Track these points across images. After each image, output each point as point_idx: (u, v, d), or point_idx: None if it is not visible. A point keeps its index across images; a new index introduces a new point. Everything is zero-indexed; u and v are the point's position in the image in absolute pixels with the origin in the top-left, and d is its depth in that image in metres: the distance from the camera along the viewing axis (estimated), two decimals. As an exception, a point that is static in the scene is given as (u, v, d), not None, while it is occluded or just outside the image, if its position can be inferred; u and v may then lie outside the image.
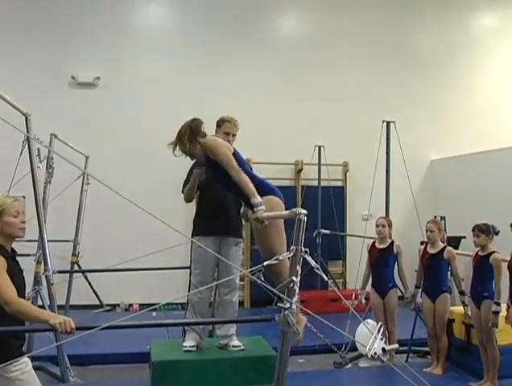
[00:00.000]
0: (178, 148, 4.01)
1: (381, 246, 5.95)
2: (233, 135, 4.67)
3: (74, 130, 8.07)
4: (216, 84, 9.21)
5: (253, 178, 3.92)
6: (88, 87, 8.94)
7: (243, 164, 4.00)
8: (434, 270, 5.58)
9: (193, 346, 4.54)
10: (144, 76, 9.11)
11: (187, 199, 4.84)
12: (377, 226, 5.98)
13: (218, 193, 4.53)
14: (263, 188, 3.91)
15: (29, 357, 3.03)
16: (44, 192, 6.05)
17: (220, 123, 4.72)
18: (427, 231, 5.67)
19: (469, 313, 5.35)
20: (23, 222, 3.12)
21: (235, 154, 3.94)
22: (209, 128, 4.63)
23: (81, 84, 8.91)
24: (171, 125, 9.36)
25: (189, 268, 4.86)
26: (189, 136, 3.95)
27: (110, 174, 6.17)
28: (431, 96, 10.07)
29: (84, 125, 8.66)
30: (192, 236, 4.71)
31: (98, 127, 8.78)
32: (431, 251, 5.63)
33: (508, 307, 4.82)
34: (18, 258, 3.14)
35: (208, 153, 3.91)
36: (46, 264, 5.22)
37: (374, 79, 9.81)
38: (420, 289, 5.82)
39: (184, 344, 4.55)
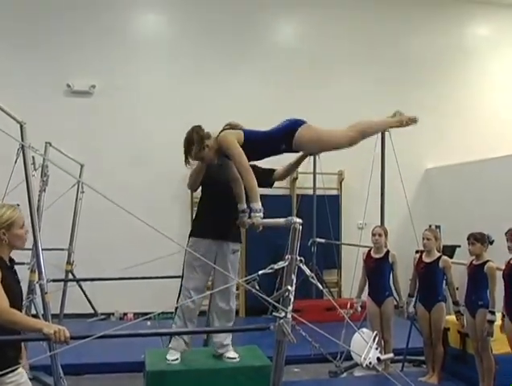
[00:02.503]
0: (190, 159, 4.04)
1: (377, 255, 5.95)
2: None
3: (69, 138, 8.06)
4: (212, 93, 9.22)
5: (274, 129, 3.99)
6: (84, 95, 8.94)
7: (256, 138, 3.97)
8: (429, 279, 5.58)
9: (176, 359, 4.49)
10: (139, 85, 9.13)
11: (191, 184, 4.73)
12: (374, 235, 5.98)
13: (220, 197, 4.51)
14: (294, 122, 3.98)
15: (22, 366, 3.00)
16: (39, 200, 6.03)
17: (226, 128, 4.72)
18: (423, 239, 5.68)
19: (464, 322, 5.36)
20: (27, 232, 3.12)
21: (246, 139, 3.90)
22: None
23: (76, 93, 8.91)
24: (166, 132, 9.47)
25: (182, 272, 4.82)
26: (197, 144, 3.96)
27: (105, 183, 6.16)
28: (426, 104, 10.09)
29: (79, 133, 8.66)
30: (188, 237, 4.69)
31: (93, 135, 8.78)
32: (427, 259, 5.64)
33: (503, 316, 4.82)
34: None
35: (223, 150, 3.92)
36: (40, 272, 5.18)
37: (369, 87, 9.85)
38: (413, 298, 5.83)
39: (167, 357, 4.50)
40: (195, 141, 3.98)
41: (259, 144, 3.92)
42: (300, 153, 4.42)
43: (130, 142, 8.89)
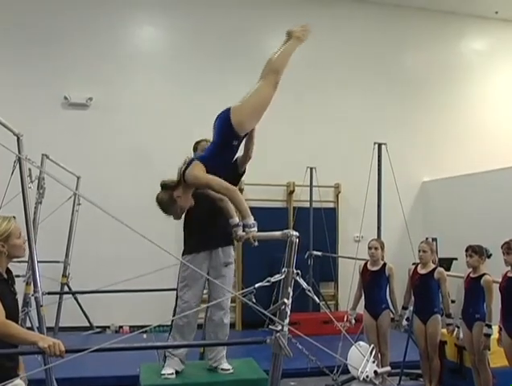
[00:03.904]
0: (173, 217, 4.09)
1: (374, 268, 5.94)
2: None
3: (66, 151, 8.06)
4: (207, 107, 9.17)
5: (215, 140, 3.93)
6: (81, 107, 8.95)
7: (210, 155, 3.90)
8: (424, 291, 5.58)
9: (172, 374, 4.47)
10: (136, 97, 9.14)
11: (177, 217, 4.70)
12: (370, 248, 5.98)
13: (204, 214, 4.52)
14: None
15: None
16: (35, 213, 6.02)
17: (196, 145, 4.76)
18: (419, 251, 5.68)
19: (461, 335, 5.34)
20: (25, 241, 3.13)
21: (204, 163, 3.81)
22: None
23: (74, 105, 8.92)
24: (162, 145, 9.47)
25: (176, 290, 4.81)
26: (170, 206, 3.99)
27: (102, 195, 6.16)
28: (422, 118, 10.18)
29: (76, 145, 8.65)
30: (182, 256, 4.68)
31: (90, 147, 8.78)
32: (422, 271, 5.64)
33: (500, 329, 4.81)
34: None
35: (199, 187, 3.87)
36: (35, 285, 5.16)
37: (367, 101, 9.90)
38: (407, 311, 5.82)
39: (163, 372, 4.48)
40: (165, 204, 4.00)
41: (216, 158, 3.83)
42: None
43: (126, 155, 8.88)
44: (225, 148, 3.86)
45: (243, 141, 4.07)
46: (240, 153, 4.29)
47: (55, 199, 6.69)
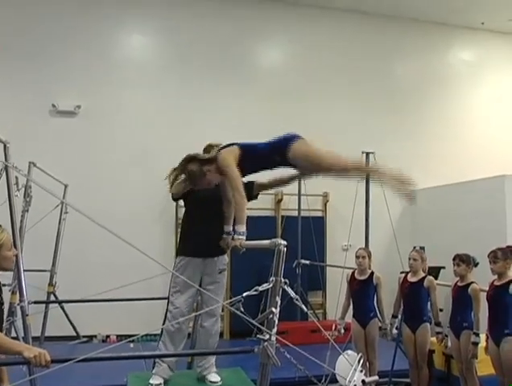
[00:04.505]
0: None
1: (362, 277, 5.95)
2: None
3: (53, 158, 8.04)
4: (196, 116, 9.26)
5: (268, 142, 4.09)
6: (69, 115, 8.91)
7: (251, 149, 4.06)
8: (414, 299, 5.59)
9: (160, 384, 4.42)
10: (125, 106, 9.13)
11: (177, 195, 4.66)
12: (358, 257, 5.99)
13: (206, 216, 4.50)
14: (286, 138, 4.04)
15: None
16: (21, 221, 5.97)
17: (210, 149, 4.71)
18: (409, 259, 5.70)
19: (449, 343, 5.36)
20: (16, 254, 3.06)
21: (242, 152, 3.97)
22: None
23: (62, 113, 8.88)
24: (150, 154, 9.45)
25: (168, 294, 4.77)
26: (198, 175, 4.07)
27: (89, 203, 6.13)
28: (410, 127, 10.25)
29: (64, 153, 8.61)
30: (175, 256, 4.66)
31: (78, 155, 8.73)
32: (412, 279, 5.66)
33: (487, 338, 4.83)
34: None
35: (222, 169, 3.98)
36: (21, 294, 5.12)
37: (355, 110, 9.95)
38: (397, 319, 5.83)
39: (150, 382, 4.44)
40: (195, 175, 4.07)
41: (255, 156, 4.00)
42: (292, 172, 4.43)
43: (114, 163, 8.85)
44: (268, 154, 4.02)
45: (281, 168, 4.17)
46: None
47: (42, 207, 6.64)
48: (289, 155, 3.95)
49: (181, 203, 4.85)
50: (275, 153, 3.98)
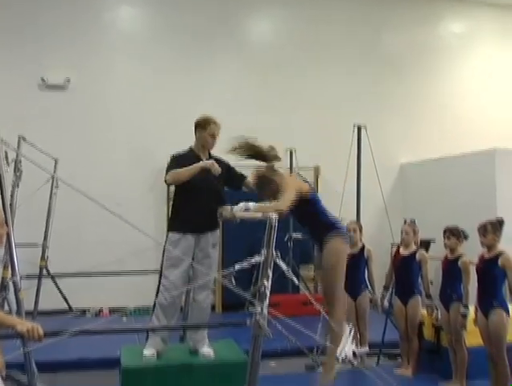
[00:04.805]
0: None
1: (353, 250, 5.98)
2: (217, 136, 4.69)
3: (43, 133, 7.97)
4: (187, 87, 9.18)
5: (328, 215, 4.20)
6: (58, 89, 8.80)
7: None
8: (406, 272, 5.64)
9: (153, 355, 4.46)
10: (115, 79, 9.03)
11: (175, 181, 4.64)
12: (349, 231, 6.01)
13: (202, 191, 4.50)
14: (337, 226, 4.14)
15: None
16: (12, 196, 5.95)
17: (205, 124, 4.65)
18: (401, 233, 5.73)
19: (439, 315, 5.43)
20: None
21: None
22: (181, 130, 4.65)
23: (51, 86, 8.77)
24: (142, 128, 9.39)
25: (160, 269, 4.79)
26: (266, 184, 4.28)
27: (80, 178, 6.10)
28: (402, 100, 10.22)
29: (54, 127, 8.54)
30: (168, 232, 4.65)
31: (68, 130, 8.66)
32: (404, 253, 5.70)
33: (476, 310, 4.89)
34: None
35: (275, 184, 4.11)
36: (13, 269, 5.12)
37: (346, 82, 9.90)
38: (388, 291, 5.89)
39: (144, 352, 4.47)
40: (263, 183, 4.32)
41: (311, 211, 4.10)
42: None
43: (105, 136, 8.79)
44: (313, 215, 4.17)
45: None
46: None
47: (33, 182, 6.61)
48: (325, 241, 4.12)
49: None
50: (320, 224, 4.08)
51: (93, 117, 8.86)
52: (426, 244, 7.69)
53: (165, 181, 4.66)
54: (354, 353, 3.32)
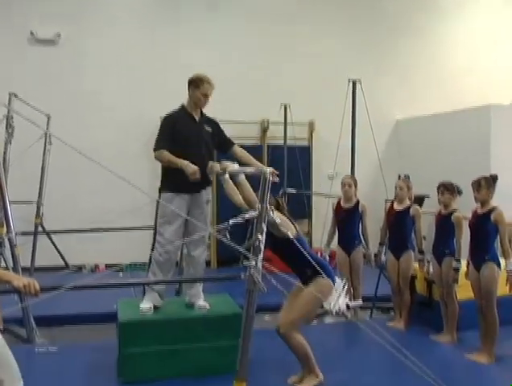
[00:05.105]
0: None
1: (347, 205, 6.02)
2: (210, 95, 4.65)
3: (34, 89, 7.85)
4: (180, 41, 9.02)
5: (316, 259, 3.94)
6: (49, 44, 8.63)
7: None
8: (399, 227, 5.69)
9: (150, 309, 4.51)
10: (107, 33, 8.83)
11: (159, 160, 4.63)
12: (343, 185, 6.03)
13: (195, 151, 4.49)
14: (324, 269, 3.84)
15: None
16: (5, 153, 5.92)
17: (198, 83, 4.58)
18: (395, 188, 5.75)
19: (431, 269, 5.50)
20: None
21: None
22: (174, 87, 4.60)
23: (41, 41, 8.60)
24: (135, 83, 9.26)
25: (154, 226, 4.81)
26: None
27: (73, 134, 6.05)
28: (397, 57, 10.11)
29: (45, 83, 8.39)
30: (160, 192, 4.65)
31: (60, 86, 8.52)
32: (398, 208, 5.73)
33: (468, 264, 4.95)
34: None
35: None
36: (8, 226, 5.14)
37: (341, 37, 9.77)
38: (384, 247, 5.95)
39: (141, 306, 4.52)
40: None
41: (294, 250, 3.76)
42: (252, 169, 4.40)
43: (97, 92, 8.66)
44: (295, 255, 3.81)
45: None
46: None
47: (26, 139, 6.57)
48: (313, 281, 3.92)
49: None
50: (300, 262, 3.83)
51: (86, 73, 8.69)
52: (420, 200, 7.74)
53: (153, 150, 4.64)
54: (348, 306, 3.37)
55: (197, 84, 4.57)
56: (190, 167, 4.33)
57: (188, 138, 4.52)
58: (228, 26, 9.33)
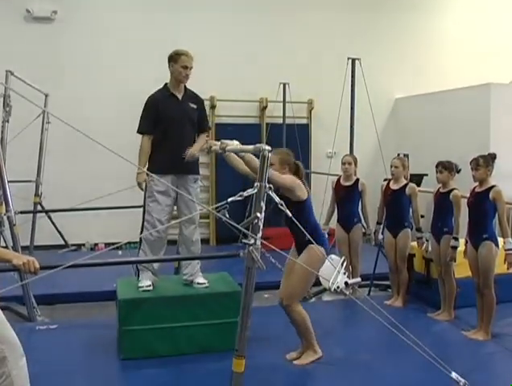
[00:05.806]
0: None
1: (347, 183, 6.02)
2: (190, 68, 4.61)
3: (32, 67, 7.77)
4: (177, 19, 8.92)
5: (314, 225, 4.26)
6: (45, 21, 8.53)
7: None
8: (396, 206, 5.70)
9: (149, 286, 4.54)
10: (104, 10, 8.73)
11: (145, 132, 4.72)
12: (344, 164, 6.02)
13: (179, 131, 4.50)
14: (316, 235, 3.94)
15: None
16: (2, 131, 5.90)
17: (176, 57, 4.59)
18: (391, 166, 5.75)
19: (429, 247, 5.52)
20: None
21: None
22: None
23: (37, 19, 8.49)
24: (132, 61, 9.17)
25: (143, 205, 4.82)
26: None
27: (71, 113, 6.01)
28: (396, 35, 10.01)
29: (42, 61, 8.31)
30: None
31: (57, 64, 8.45)
32: (394, 187, 5.73)
33: (466, 242, 4.97)
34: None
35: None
36: (7, 205, 5.15)
37: (340, 15, 9.66)
38: (381, 226, 5.96)
39: (140, 285, 4.54)
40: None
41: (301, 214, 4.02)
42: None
43: (94, 71, 8.60)
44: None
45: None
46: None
47: (24, 117, 6.54)
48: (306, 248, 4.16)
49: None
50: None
51: (83, 50, 8.61)
52: (418, 179, 7.75)
53: (138, 132, 4.69)
54: (346, 283, 3.38)
55: (175, 59, 4.58)
56: (139, 181, 4.58)
57: (171, 118, 4.54)
58: (224, 3, 9.21)
